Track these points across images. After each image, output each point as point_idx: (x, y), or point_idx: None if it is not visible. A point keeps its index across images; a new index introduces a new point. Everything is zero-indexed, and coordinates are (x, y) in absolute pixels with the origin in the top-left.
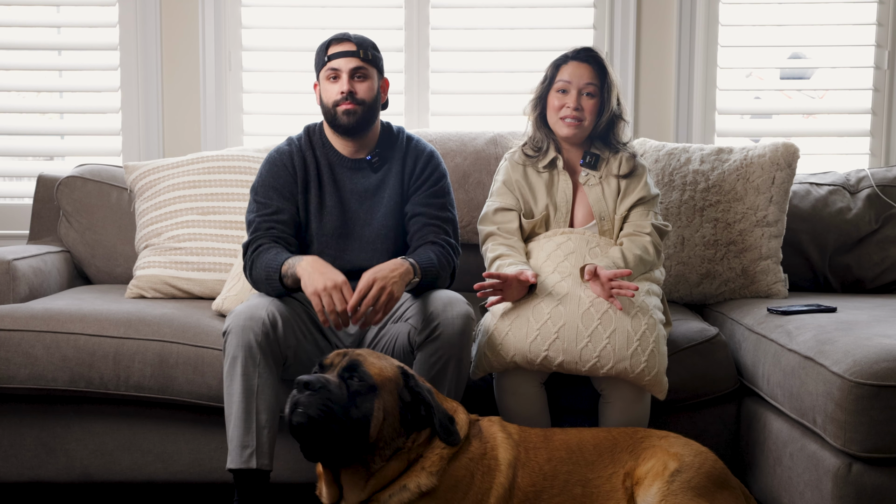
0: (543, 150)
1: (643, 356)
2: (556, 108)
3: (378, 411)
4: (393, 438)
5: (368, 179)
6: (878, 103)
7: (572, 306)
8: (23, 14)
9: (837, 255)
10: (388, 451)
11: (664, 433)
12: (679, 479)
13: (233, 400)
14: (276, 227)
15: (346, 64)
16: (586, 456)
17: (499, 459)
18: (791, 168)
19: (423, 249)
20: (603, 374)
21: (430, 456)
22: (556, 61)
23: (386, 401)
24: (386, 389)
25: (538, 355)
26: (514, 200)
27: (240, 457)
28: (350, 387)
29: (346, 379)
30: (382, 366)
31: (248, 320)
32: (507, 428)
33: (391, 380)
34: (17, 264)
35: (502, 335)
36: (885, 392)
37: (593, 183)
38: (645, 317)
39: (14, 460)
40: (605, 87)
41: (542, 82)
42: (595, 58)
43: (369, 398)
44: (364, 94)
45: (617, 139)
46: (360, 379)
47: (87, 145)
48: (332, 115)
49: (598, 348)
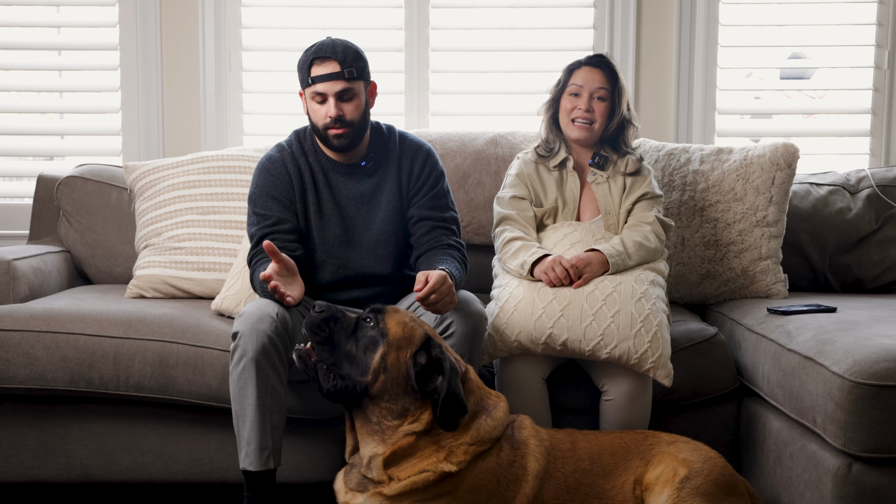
0: (555, 151)
1: (647, 337)
2: (568, 111)
3: (380, 359)
4: (398, 395)
5: (364, 183)
6: (878, 103)
7: (577, 289)
8: (23, 14)
9: (837, 255)
10: (393, 405)
11: (672, 438)
12: (688, 486)
13: (247, 402)
14: (276, 239)
15: (332, 88)
16: (605, 466)
17: (527, 469)
18: (791, 168)
19: (444, 256)
20: (606, 357)
21: (456, 450)
22: (570, 66)
23: (392, 353)
24: (396, 344)
25: (543, 333)
26: (526, 191)
27: (259, 458)
28: (360, 327)
29: (361, 319)
30: (407, 324)
31: (258, 321)
32: (539, 433)
33: (407, 338)
34: (17, 264)
35: (508, 315)
36: (885, 392)
37: (601, 181)
38: (648, 303)
39: (14, 460)
40: (616, 92)
41: (555, 86)
42: (607, 64)
43: (375, 344)
44: (352, 114)
45: (626, 143)
46: (374, 324)
47: (87, 145)
48: (324, 136)
49: (602, 327)
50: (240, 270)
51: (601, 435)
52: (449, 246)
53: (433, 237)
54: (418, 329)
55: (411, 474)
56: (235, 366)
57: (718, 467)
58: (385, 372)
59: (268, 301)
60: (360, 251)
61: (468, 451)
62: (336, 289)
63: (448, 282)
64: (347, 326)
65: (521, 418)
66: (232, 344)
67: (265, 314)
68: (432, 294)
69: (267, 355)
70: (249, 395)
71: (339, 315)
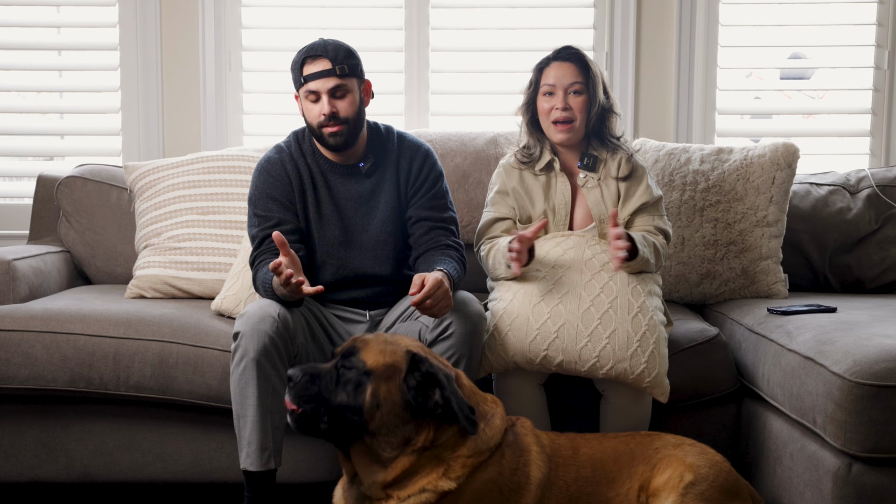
0: (536, 156)
1: (643, 357)
2: (546, 112)
3: (371, 397)
4: (396, 426)
5: (362, 184)
6: (878, 103)
7: (572, 305)
8: (23, 14)
9: (837, 255)
10: (393, 438)
11: (678, 440)
12: (693, 492)
13: (248, 402)
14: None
15: (324, 85)
16: (608, 473)
17: (530, 477)
18: (791, 168)
19: (442, 257)
20: (602, 376)
21: (454, 464)
22: (539, 65)
23: (381, 387)
24: (382, 375)
25: (538, 355)
26: (508, 209)
27: (259, 459)
28: (341, 375)
29: (339, 367)
30: (384, 350)
31: (260, 321)
32: (540, 438)
33: (391, 365)
34: (17, 264)
35: (502, 335)
36: (885, 392)
37: (592, 185)
38: (645, 318)
39: (14, 460)
40: (591, 82)
41: (528, 87)
42: (576, 54)
43: (361, 385)
44: (346, 111)
45: (611, 133)
46: (352, 366)
47: (87, 145)
48: (319, 135)
49: (597, 348)
50: (240, 270)
51: (605, 440)
52: (447, 246)
53: (432, 237)
54: (399, 349)
55: (412, 493)
56: (236, 366)
57: (724, 472)
58: (379, 408)
59: (269, 301)
60: (360, 252)
61: (466, 464)
62: (336, 289)
63: (444, 286)
64: (330, 378)
65: (521, 421)
66: (233, 344)
67: (267, 314)
68: (427, 299)
69: (268, 355)
70: (250, 395)
71: (315, 371)
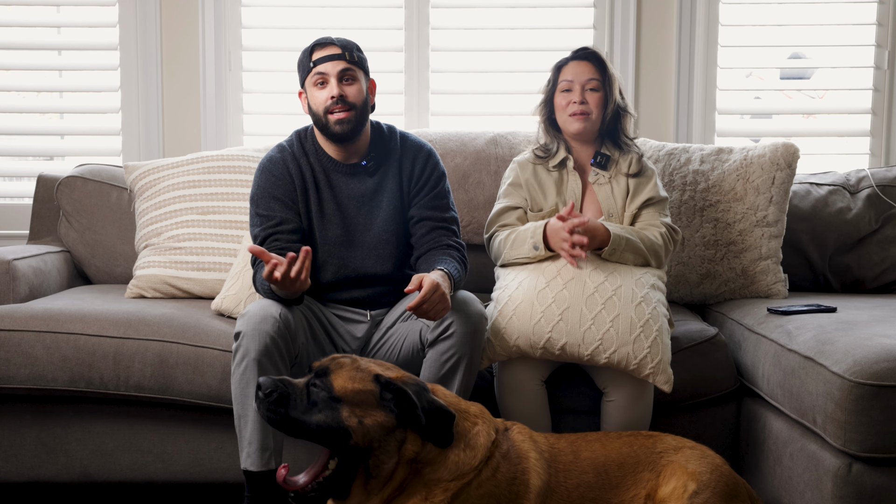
0: (553, 152)
1: (646, 342)
2: (563, 107)
3: (350, 418)
4: (385, 437)
5: (365, 184)
6: (878, 103)
7: (577, 290)
8: (23, 14)
9: (837, 255)
10: (387, 454)
11: (679, 442)
12: (696, 501)
13: (249, 402)
14: (279, 239)
15: (333, 67)
16: (611, 478)
17: (529, 486)
18: (791, 168)
19: (444, 257)
20: (605, 362)
21: (435, 488)
22: (558, 64)
23: (357, 409)
24: (352, 400)
25: (541, 338)
26: (520, 199)
27: (260, 459)
28: (311, 395)
29: (310, 386)
30: (352, 376)
31: (261, 321)
32: (538, 443)
33: (360, 391)
34: (17, 264)
35: (506, 319)
36: (885, 392)
37: (603, 182)
38: (649, 307)
39: (14, 460)
40: (607, 81)
41: (546, 85)
42: (594, 55)
43: (333, 407)
44: (354, 97)
45: (626, 134)
46: (322, 388)
47: (87, 145)
48: (324, 123)
49: (601, 331)
50: (240, 270)
51: (606, 442)
52: (449, 246)
53: (433, 237)
54: (360, 376)
55: None
56: (237, 366)
57: (724, 476)
58: (361, 424)
59: (270, 301)
60: (361, 251)
61: (448, 487)
62: (337, 288)
63: (440, 290)
64: (301, 397)
65: (516, 428)
66: (234, 344)
67: (268, 314)
68: (423, 304)
69: (269, 355)
70: (251, 395)
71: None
